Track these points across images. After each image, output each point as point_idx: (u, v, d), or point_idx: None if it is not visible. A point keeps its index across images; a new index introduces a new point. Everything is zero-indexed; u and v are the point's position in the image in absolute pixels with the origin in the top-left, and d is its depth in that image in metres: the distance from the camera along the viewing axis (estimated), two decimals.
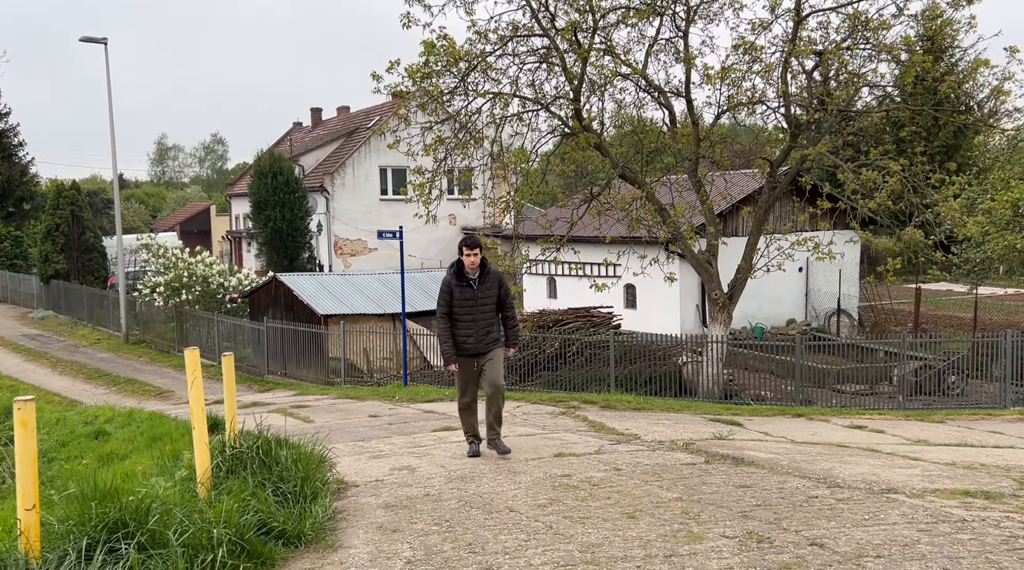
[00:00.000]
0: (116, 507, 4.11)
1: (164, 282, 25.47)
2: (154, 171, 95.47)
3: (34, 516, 3.95)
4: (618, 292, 22.68)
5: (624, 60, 15.53)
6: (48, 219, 33.88)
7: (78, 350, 25.35)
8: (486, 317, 6.96)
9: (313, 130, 45.69)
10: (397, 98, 15.69)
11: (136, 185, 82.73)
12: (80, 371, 21.88)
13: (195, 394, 5.15)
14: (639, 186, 15.73)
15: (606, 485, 5.78)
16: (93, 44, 26.45)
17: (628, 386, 15.66)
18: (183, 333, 24.61)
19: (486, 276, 6.95)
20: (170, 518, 4.21)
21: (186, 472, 5.51)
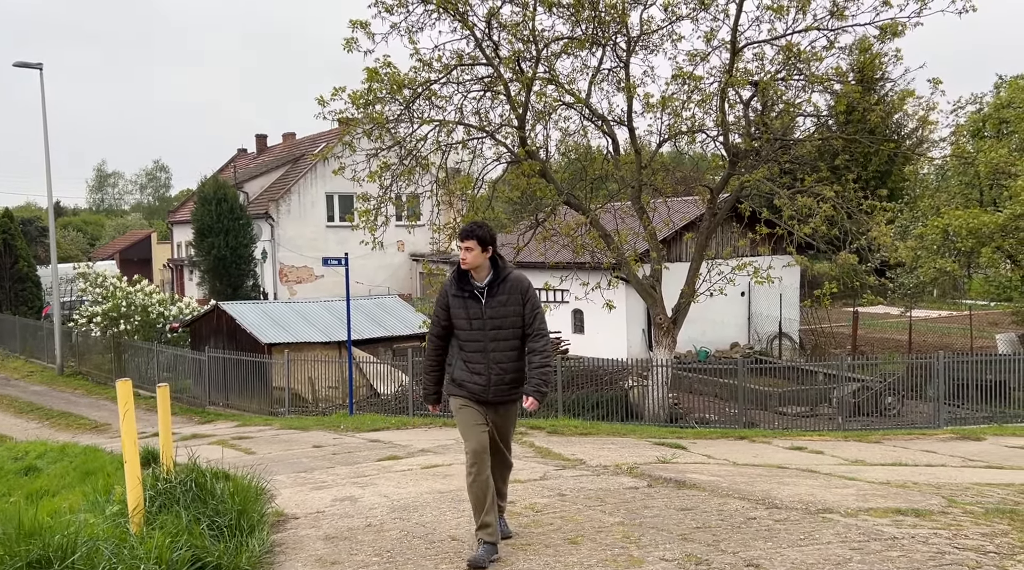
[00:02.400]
0: (40, 545, 3.97)
1: (102, 312, 24.78)
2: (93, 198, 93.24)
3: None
4: (566, 317, 22.82)
5: (568, 89, 15.79)
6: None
7: (9, 383, 24.46)
8: (503, 347, 4.82)
9: (258, 156, 45.23)
10: (343, 124, 15.68)
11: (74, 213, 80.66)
12: (11, 405, 21.09)
13: (127, 427, 5.01)
14: (583, 212, 15.93)
15: (549, 511, 5.78)
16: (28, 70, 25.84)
17: (576, 411, 15.71)
18: (121, 364, 23.93)
19: (501, 284, 4.83)
20: (98, 556, 4.08)
21: (118, 507, 5.34)
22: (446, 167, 15.83)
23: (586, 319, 22.77)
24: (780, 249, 16.74)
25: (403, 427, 13.73)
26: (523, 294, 4.88)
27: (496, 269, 4.91)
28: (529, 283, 4.97)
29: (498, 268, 4.91)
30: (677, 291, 16.34)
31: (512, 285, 4.87)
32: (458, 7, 14.58)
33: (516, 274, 4.94)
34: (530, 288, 4.94)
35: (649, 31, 15.55)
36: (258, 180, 37.51)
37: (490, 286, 4.87)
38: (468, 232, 4.88)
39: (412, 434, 12.44)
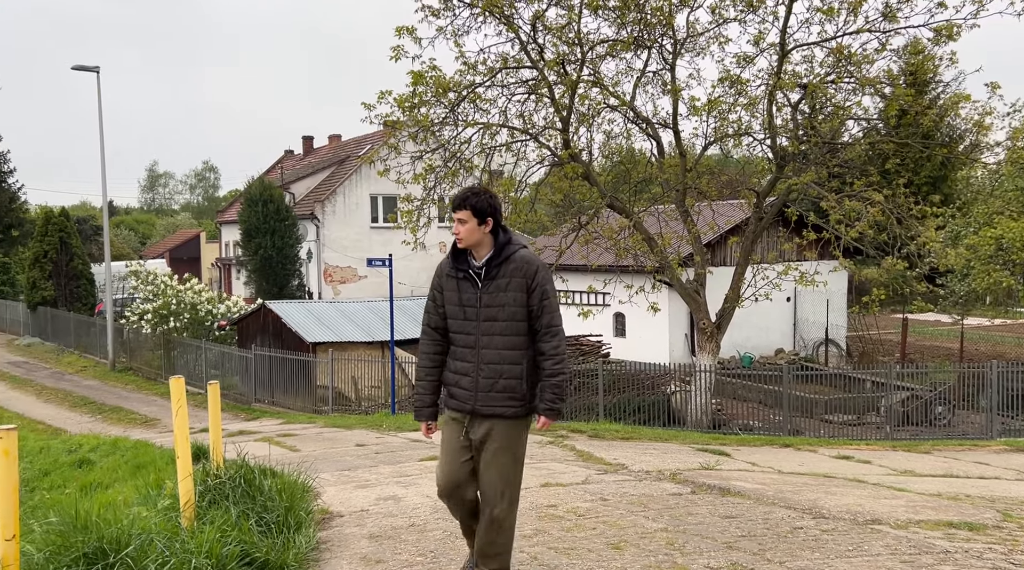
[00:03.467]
0: (95, 537, 4.08)
1: (152, 309, 25.36)
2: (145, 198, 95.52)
3: (14, 547, 3.91)
4: (607, 321, 22.73)
5: (612, 92, 15.74)
6: (36, 246, 33.76)
7: (64, 378, 25.15)
8: (496, 343, 3.94)
9: (304, 158, 45.87)
10: (388, 127, 15.83)
11: (126, 212, 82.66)
12: (65, 399, 21.68)
13: (179, 423, 5.13)
14: (627, 216, 15.86)
15: (592, 515, 5.76)
16: (86, 72, 26.57)
17: (617, 415, 15.64)
18: (170, 361, 24.46)
19: (503, 265, 3.96)
20: (150, 548, 4.18)
21: (169, 501, 5.47)
22: (489, 169, 15.89)
23: (628, 322, 22.65)
24: (827, 254, 16.45)
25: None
26: (528, 279, 3.91)
27: (499, 243, 3.99)
28: (540, 266, 3.97)
29: (500, 245, 3.99)
30: (721, 295, 16.18)
31: (516, 267, 3.93)
32: (503, 10, 14.62)
33: (523, 254, 3.99)
34: (540, 272, 3.95)
35: (695, 34, 15.43)
36: (304, 181, 38.03)
37: (489, 266, 3.98)
38: (460, 200, 3.99)
39: None
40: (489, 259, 3.99)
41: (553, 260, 15.72)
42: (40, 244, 33.53)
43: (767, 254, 18.61)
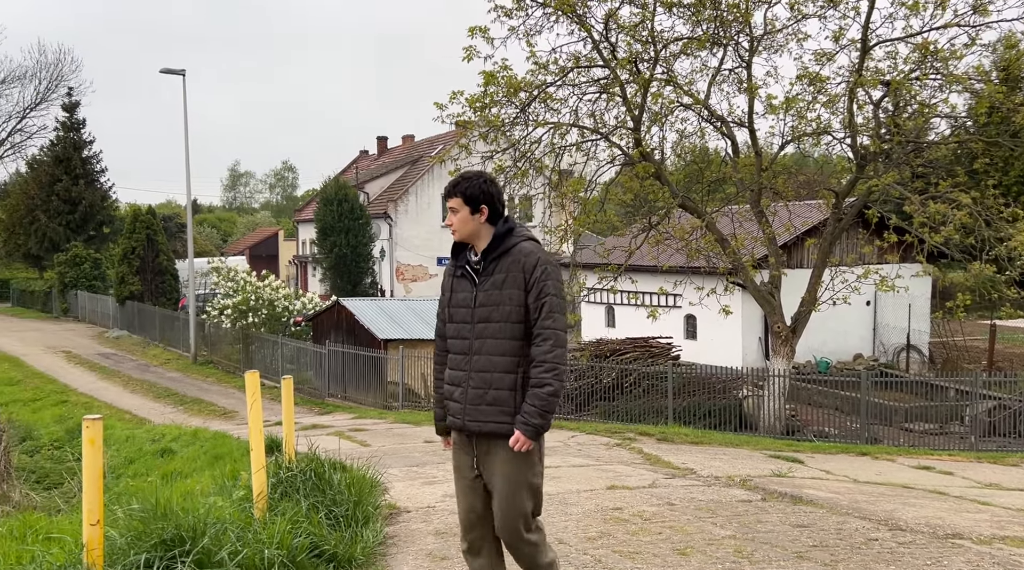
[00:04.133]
0: (173, 525, 4.23)
1: (232, 305, 26.18)
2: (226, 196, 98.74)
3: (98, 531, 4.09)
4: (678, 323, 22.42)
5: (686, 90, 15.52)
6: (125, 242, 35.24)
7: (149, 369, 26.20)
8: (489, 348, 3.48)
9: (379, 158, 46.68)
10: (459, 127, 15.97)
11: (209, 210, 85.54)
12: (150, 390, 22.58)
13: (254, 416, 5.28)
14: (699, 216, 15.61)
15: (658, 520, 5.70)
16: (172, 75, 27.61)
17: (686, 419, 15.42)
18: (248, 355, 25.21)
19: (500, 258, 3.50)
20: (224, 537, 4.32)
21: (243, 492, 5.63)
22: (559, 169, 15.87)
23: (699, 325, 22.30)
24: (909, 257, 15.86)
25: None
26: (526, 273, 3.41)
27: (494, 237, 3.51)
28: (542, 259, 3.45)
29: (497, 236, 3.51)
30: (797, 299, 15.77)
31: (514, 260, 3.44)
32: (576, 9, 14.58)
33: (524, 246, 3.48)
34: (540, 266, 3.41)
35: (773, 30, 15.09)
36: (378, 181, 38.71)
37: (485, 261, 3.52)
38: (451, 186, 3.57)
39: None
40: (484, 253, 3.53)
41: (622, 261, 15.59)
42: (128, 241, 34.99)
43: (846, 257, 18.06)
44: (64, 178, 43.47)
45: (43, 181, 43.63)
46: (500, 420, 3.44)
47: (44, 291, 43.14)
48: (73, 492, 9.88)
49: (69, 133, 44.60)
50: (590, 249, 20.99)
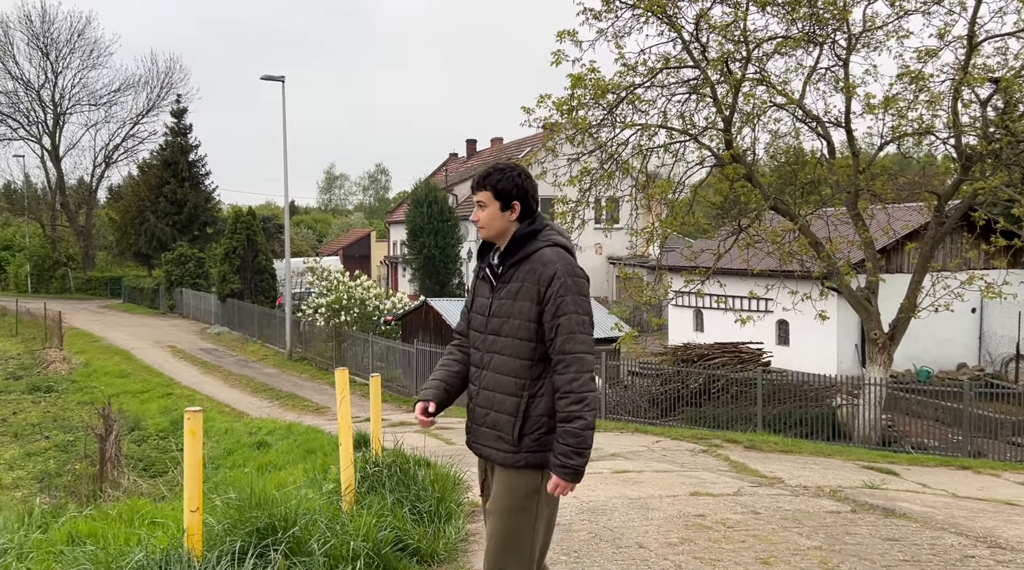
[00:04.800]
0: (267, 514, 4.44)
1: (326, 304, 27.01)
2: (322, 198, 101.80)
3: (198, 518, 4.33)
4: (770, 328, 21.89)
5: (779, 90, 15.15)
6: (227, 242, 36.77)
7: (247, 365, 27.28)
8: (496, 364, 3.10)
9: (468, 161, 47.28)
10: (547, 130, 16.03)
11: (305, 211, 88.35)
12: (248, 385, 23.51)
13: (343, 412, 5.48)
14: (792, 219, 15.21)
15: (742, 528, 5.61)
16: (272, 82, 28.66)
17: (776, 427, 15.05)
18: (340, 352, 25.95)
19: (520, 264, 3.10)
20: (314, 528, 4.50)
21: (332, 485, 5.84)
22: (646, 171, 15.74)
23: (792, 330, 21.71)
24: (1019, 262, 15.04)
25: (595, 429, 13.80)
26: (541, 285, 2.97)
27: (514, 239, 3.11)
28: (561, 270, 2.97)
29: (517, 238, 3.10)
30: (895, 305, 15.18)
31: (531, 269, 3.02)
32: (666, 10, 14.43)
33: (545, 253, 3.03)
34: (558, 279, 2.96)
35: (873, 27, 14.57)
36: (466, 183, 39.19)
37: (503, 265, 3.13)
38: (481, 178, 3.18)
39: (604, 437, 12.50)
40: (506, 255, 3.13)
41: (711, 264, 15.34)
42: (230, 241, 36.51)
43: (948, 261, 17.25)
44: (172, 181, 45.71)
45: (153, 184, 45.99)
46: (496, 447, 3.08)
47: (152, 288, 45.46)
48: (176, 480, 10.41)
49: (177, 138, 46.87)
50: (677, 252, 20.72)
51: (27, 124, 54.61)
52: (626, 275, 17.32)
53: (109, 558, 4.02)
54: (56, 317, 29.64)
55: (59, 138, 55.14)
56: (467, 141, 49.25)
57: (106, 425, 12.63)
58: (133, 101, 56.87)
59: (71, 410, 18.93)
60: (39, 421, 17.75)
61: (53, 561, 4.17)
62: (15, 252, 53.84)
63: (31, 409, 19.17)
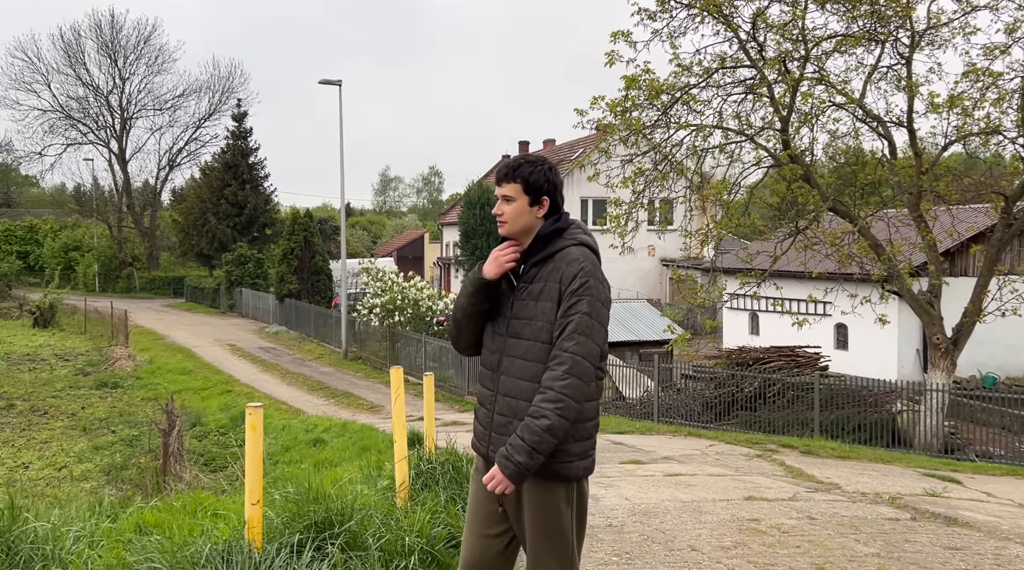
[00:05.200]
0: (324, 509, 4.55)
1: (380, 304, 27.36)
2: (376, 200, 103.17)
3: (258, 510, 4.45)
4: (827, 332, 21.47)
5: (839, 89, 14.86)
6: (285, 243, 37.53)
7: (304, 363, 27.80)
8: (518, 369, 2.94)
9: None
10: (600, 131, 16.00)
11: (360, 213, 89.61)
12: (304, 383, 23.96)
13: (397, 411, 5.57)
14: (851, 220, 14.90)
15: (797, 533, 5.54)
16: (330, 86, 29.17)
17: (833, 432, 14.75)
18: (395, 352, 26.27)
19: (542, 264, 2.97)
20: (369, 523, 4.59)
21: (387, 482, 5.95)
22: (701, 172, 15.59)
23: (850, 334, 21.24)
24: None
25: (647, 432, 13.74)
26: (563, 284, 2.85)
27: (538, 237, 2.97)
28: (584, 270, 2.86)
29: (541, 236, 2.97)
30: (959, 309, 14.75)
31: (554, 268, 2.90)
32: (722, 9, 14.29)
33: (571, 252, 2.92)
34: (580, 277, 2.84)
35: (937, 24, 14.20)
36: None
37: (526, 264, 2.99)
38: (510, 170, 2.99)
39: (656, 440, 12.43)
40: (530, 256, 2.98)
41: (767, 266, 15.11)
42: (288, 242, 37.25)
43: (1016, 264, 16.70)
44: (232, 183, 46.81)
45: (214, 186, 47.17)
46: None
47: (213, 288, 46.63)
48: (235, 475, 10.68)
49: (237, 141, 47.99)
50: (732, 253, 20.47)
51: (96, 129, 56.63)
52: (679, 277, 17.17)
53: (175, 547, 4.16)
54: (122, 316, 30.62)
55: (126, 142, 57.01)
56: (519, 143, 49.34)
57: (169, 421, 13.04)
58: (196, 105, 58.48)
59: (136, 406, 19.56)
60: (106, 416, 18.38)
61: (122, 549, 4.34)
62: (84, 252, 55.75)
63: (99, 404, 19.86)
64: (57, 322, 35.51)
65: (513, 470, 2.74)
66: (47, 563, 4.07)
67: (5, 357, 26.28)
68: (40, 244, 58.51)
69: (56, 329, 34.46)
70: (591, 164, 15.35)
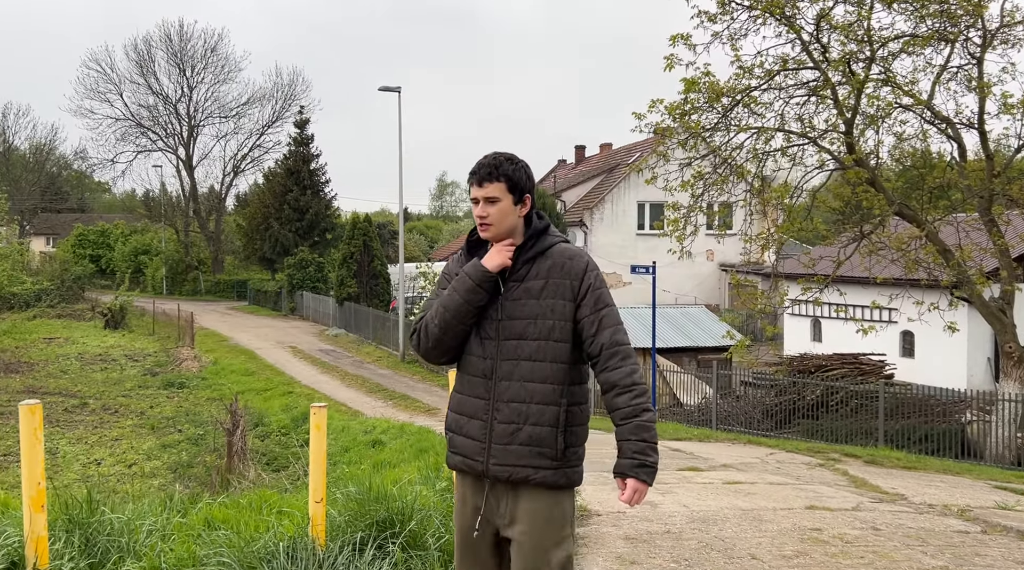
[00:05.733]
0: (386, 508, 4.63)
1: None
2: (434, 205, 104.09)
3: (322, 508, 4.56)
4: (893, 339, 20.90)
5: (906, 91, 14.49)
6: (344, 248, 38.17)
7: (363, 366, 28.23)
8: (524, 372, 2.80)
9: (576, 167, 47.31)
10: (658, 135, 15.90)
11: (418, 218, 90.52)
12: (363, 385, 24.32)
13: None
14: (919, 225, 14.50)
15: (860, 544, 5.43)
16: (389, 93, 29.60)
17: (899, 442, 14.36)
18: None
19: (537, 260, 2.86)
20: (428, 523, 4.66)
21: (444, 484, 6.02)
22: (762, 175, 15.36)
23: (917, 342, 20.64)
24: None
25: (705, 439, 13.58)
26: (574, 280, 2.79)
27: (532, 234, 2.88)
28: (591, 263, 2.86)
29: (535, 232, 2.88)
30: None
31: (555, 264, 2.80)
32: (784, 10, 14.07)
33: (567, 249, 2.85)
34: (591, 271, 2.83)
35: (1011, 23, 13.75)
36: (575, 189, 39.26)
37: (516, 262, 2.83)
38: (491, 168, 2.82)
39: (714, 447, 12.28)
40: (522, 253, 2.84)
41: (829, 271, 14.81)
42: (348, 246, 37.88)
43: None
44: (294, 189, 47.82)
45: (276, 191, 48.25)
46: (538, 465, 2.74)
47: (275, 291, 47.67)
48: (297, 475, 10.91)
49: (299, 148, 49.00)
50: (794, 258, 20.09)
51: (165, 136, 58.55)
52: (739, 282, 16.90)
53: (242, 542, 4.29)
54: (188, 318, 31.54)
55: (193, 149, 58.81)
56: (576, 147, 49.27)
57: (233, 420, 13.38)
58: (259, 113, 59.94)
59: (201, 405, 20.12)
60: (173, 415, 18.95)
61: (193, 543, 4.49)
62: (152, 256, 57.61)
63: (166, 404, 20.49)
64: (127, 324, 36.74)
65: (650, 471, 2.72)
66: (123, 555, 4.24)
67: (79, 357, 27.32)
68: (111, 248, 60.65)
69: (126, 330, 35.66)
70: (648, 168, 15.25)
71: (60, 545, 4.07)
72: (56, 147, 72.03)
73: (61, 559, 3.95)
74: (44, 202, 72.20)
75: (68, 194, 78.41)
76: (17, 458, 12.10)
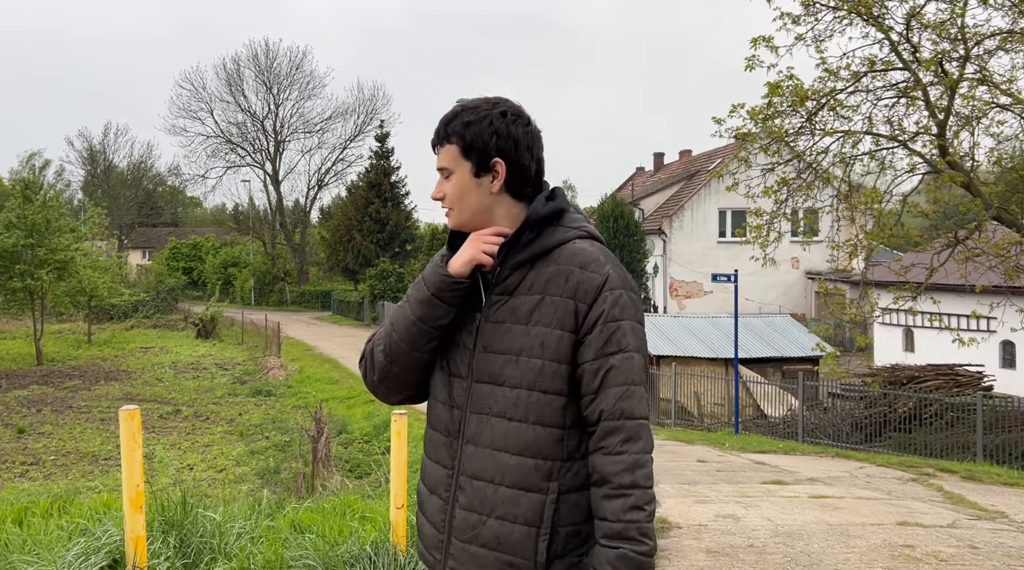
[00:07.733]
0: None
1: None
2: None
3: (403, 514, 4.64)
4: (992, 349, 19.93)
5: (1004, 90, 13.84)
6: (423, 258, 38.82)
7: None
8: (497, 430, 1.81)
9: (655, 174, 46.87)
10: (739, 140, 15.61)
11: None
12: None
13: None
14: (1019, 230, 13.80)
15: (956, 562, 5.19)
16: None
17: (999, 457, 13.66)
18: None
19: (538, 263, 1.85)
20: None
21: None
22: (849, 180, 14.89)
23: (1019, 352, 19.63)
24: None
25: (791, 452, 13.21)
26: (580, 300, 1.81)
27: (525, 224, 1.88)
28: (612, 276, 1.84)
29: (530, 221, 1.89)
30: None
31: (558, 273, 1.85)
32: (872, 10, 13.64)
33: (583, 250, 1.88)
34: (609, 289, 1.82)
35: None
36: (653, 197, 38.87)
37: (504, 264, 1.88)
38: (442, 125, 1.92)
39: (800, 460, 11.93)
40: (506, 249, 1.88)
41: (922, 279, 14.23)
42: (427, 257, 38.49)
43: None
44: (375, 201, 48.87)
45: (359, 204, 49.41)
46: None
47: (357, 301, 48.74)
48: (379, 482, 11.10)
49: (380, 161, 50.10)
50: (884, 266, 19.39)
51: (253, 152, 60.76)
52: (827, 290, 16.38)
53: (327, 546, 4.40)
54: (275, 328, 32.53)
55: (279, 164, 60.80)
56: (654, 154, 48.80)
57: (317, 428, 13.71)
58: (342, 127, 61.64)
59: (287, 413, 20.70)
60: (260, 422, 19.56)
61: (280, 546, 4.62)
62: (241, 268, 59.74)
63: (254, 411, 21.17)
64: (217, 333, 38.16)
65: None
66: (215, 555, 4.40)
67: (172, 366, 28.52)
68: (203, 260, 63.17)
69: (216, 340, 37.04)
70: (730, 173, 14.99)
71: (157, 545, 4.26)
72: (152, 164, 75.72)
73: (158, 558, 4.12)
74: (140, 217, 75.80)
75: (163, 209, 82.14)
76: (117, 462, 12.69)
